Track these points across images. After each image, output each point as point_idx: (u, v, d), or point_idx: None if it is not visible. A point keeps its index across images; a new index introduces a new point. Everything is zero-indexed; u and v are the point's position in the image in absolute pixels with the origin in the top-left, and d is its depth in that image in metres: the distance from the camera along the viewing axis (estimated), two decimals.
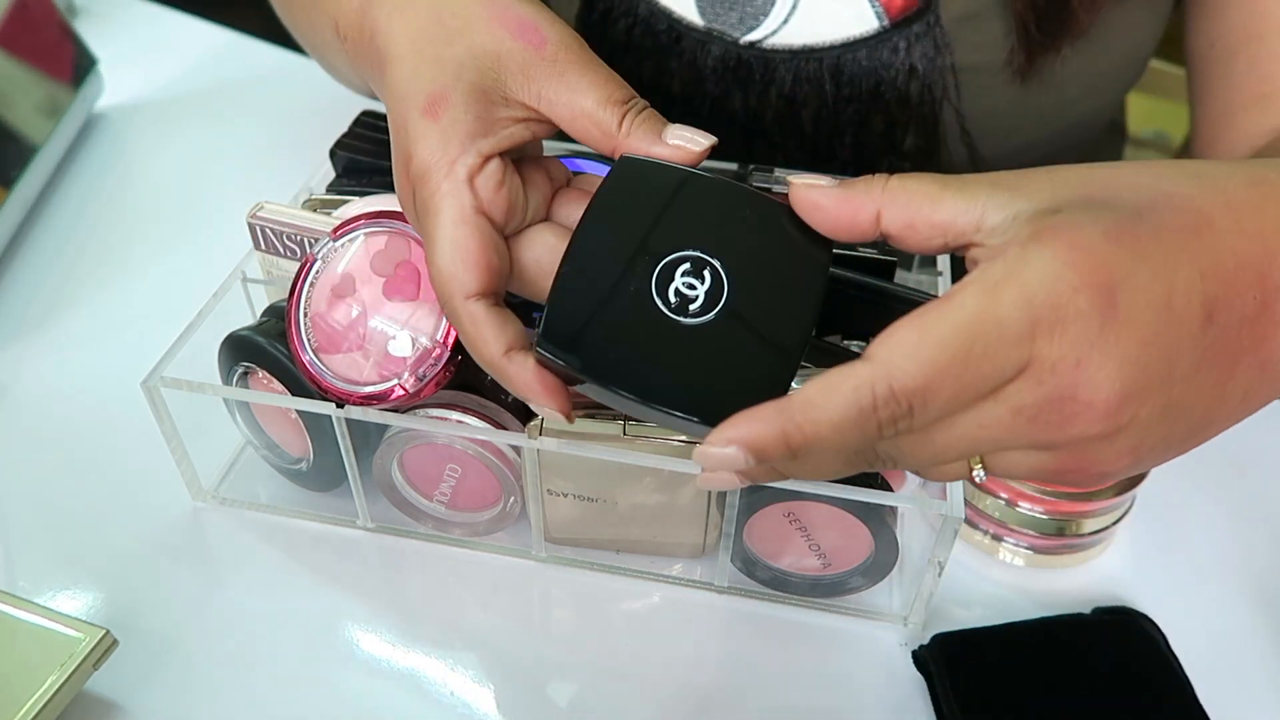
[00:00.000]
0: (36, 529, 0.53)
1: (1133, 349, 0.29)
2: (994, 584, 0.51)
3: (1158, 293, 0.29)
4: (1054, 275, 0.29)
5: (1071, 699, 0.44)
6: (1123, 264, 0.29)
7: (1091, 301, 0.29)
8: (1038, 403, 0.29)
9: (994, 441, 0.31)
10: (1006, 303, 0.29)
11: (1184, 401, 0.31)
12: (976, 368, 0.29)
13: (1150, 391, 0.30)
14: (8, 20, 0.71)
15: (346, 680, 0.47)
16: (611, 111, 0.38)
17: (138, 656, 0.47)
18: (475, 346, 0.37)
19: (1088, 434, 0.30)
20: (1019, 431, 0.30)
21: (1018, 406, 0.30)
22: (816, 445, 0.30)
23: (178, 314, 0.52)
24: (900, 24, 0.56)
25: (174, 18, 0.98)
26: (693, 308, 0.34)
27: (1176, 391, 0.30)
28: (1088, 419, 0.30)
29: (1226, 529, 0.54)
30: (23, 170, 0.70)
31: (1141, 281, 0.29)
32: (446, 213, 0.37)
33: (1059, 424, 0.30)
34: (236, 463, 0.56)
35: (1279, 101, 0.55)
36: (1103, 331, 0.29)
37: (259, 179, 0.75)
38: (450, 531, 0.52)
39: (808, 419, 0.30)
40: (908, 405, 0.29)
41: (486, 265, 0.37)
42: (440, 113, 0.38)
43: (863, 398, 0.29)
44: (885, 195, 0.33)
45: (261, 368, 0.50)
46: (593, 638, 0.49)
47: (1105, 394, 0.29)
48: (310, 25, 0.56)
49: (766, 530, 0.48)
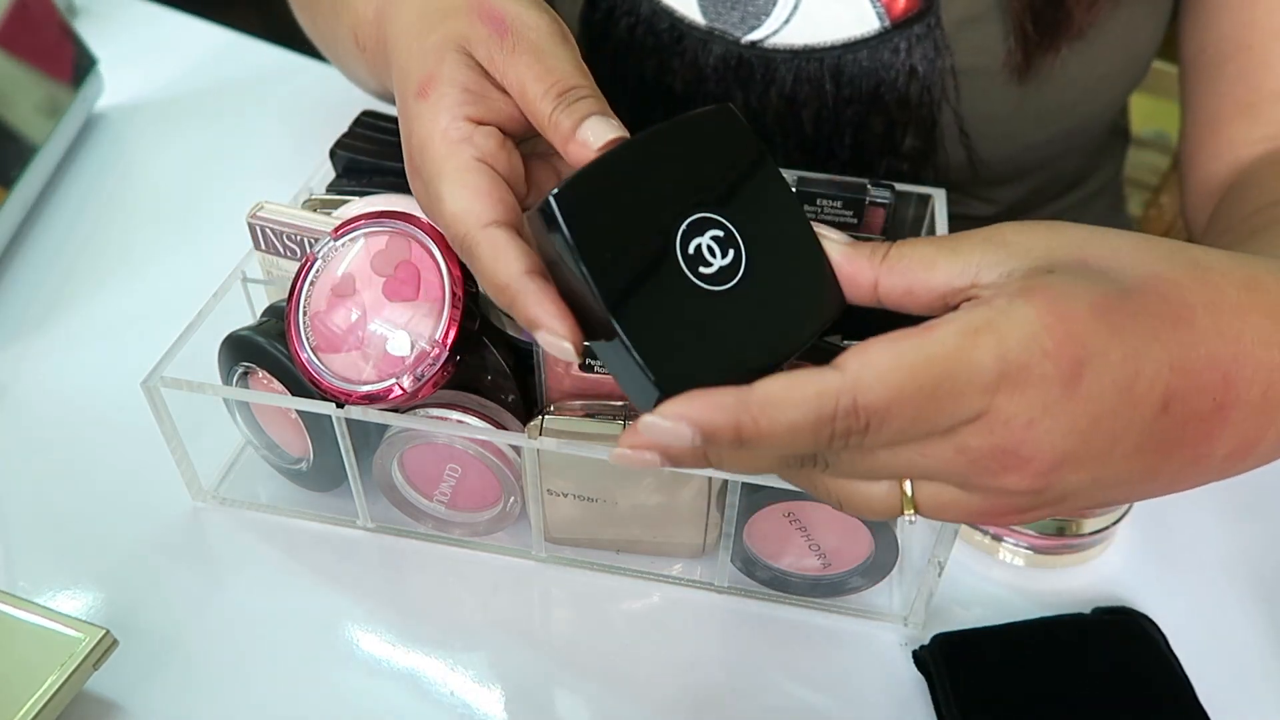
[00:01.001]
0: (36, 529, 0.53)
1: (1083, 422, 0.30)
2: (994, 584, 0.51)
3: (1124, 375, 0.30)
4: (1030, 336, 0.29)
5: (1071, 699, 0.44)
6: (1098, 340, 0.30)
7: (1059, 370, 0.29)
8: (982, 449, 0.30)
9: (928, 470, 0.32)
10: (983, 350, 0.29)
11: (1115, 477, 0.32)
12: (939, 404, 0.30)
13: (1087, 463, 0.31)
14: (8, 20, 0.71)
15: (346, 680, 0.47)
16: (549, 101, 0.37)
17: (138, 656, 0.47)
18: (496, 269, 0.35)
19: (1018, 487, 0.31)
20: (956, 469, 0.31)
21: (963, 447, 0.30)
22: (766, 442, 0.30)
23: (178, 314, 0.52)
24: (901, 25, 0.56)
25: (174, 18, 0.98)
26: (702, 270, 0.33)
27: (1114, 468, 0.31)
28: (1021, 474, 0.31)
29: (1226, 529, 0.54)
30: (23, 170, 0.70)
31: (1112, 360, 0.30)
32: (449, 168, 0.37)
33: (995, 471, 0.31)
34: (236, 463, 0.56)
35: (1265, 110, 0.56)
36: (1061, 400, 0.30)
37: (259, 179, 0.75)
38: (450, 531, 0.53)
39: (765, 415, 0.30)
40: (865, 423, 0.30)
41: (500, 198, 0.37)
42: (430, 92, 0.39)
43: (825, 406, 0.30)
44: (884, 265, 0.34)
45: (261, 368, 0.50)
46: (593, 638, 0.49)
47: (1046, 456, 0.30)
48: (334, 37, 0.57)
49: (766, 530, 0.48)
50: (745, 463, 0.33)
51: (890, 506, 0.33)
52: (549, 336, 0.34)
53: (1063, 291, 0.30)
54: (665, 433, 0.30)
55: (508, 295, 0.35)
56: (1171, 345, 0.31)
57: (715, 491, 0.47)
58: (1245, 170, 0.56)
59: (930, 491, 0.33)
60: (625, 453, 0.31)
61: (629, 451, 0.31)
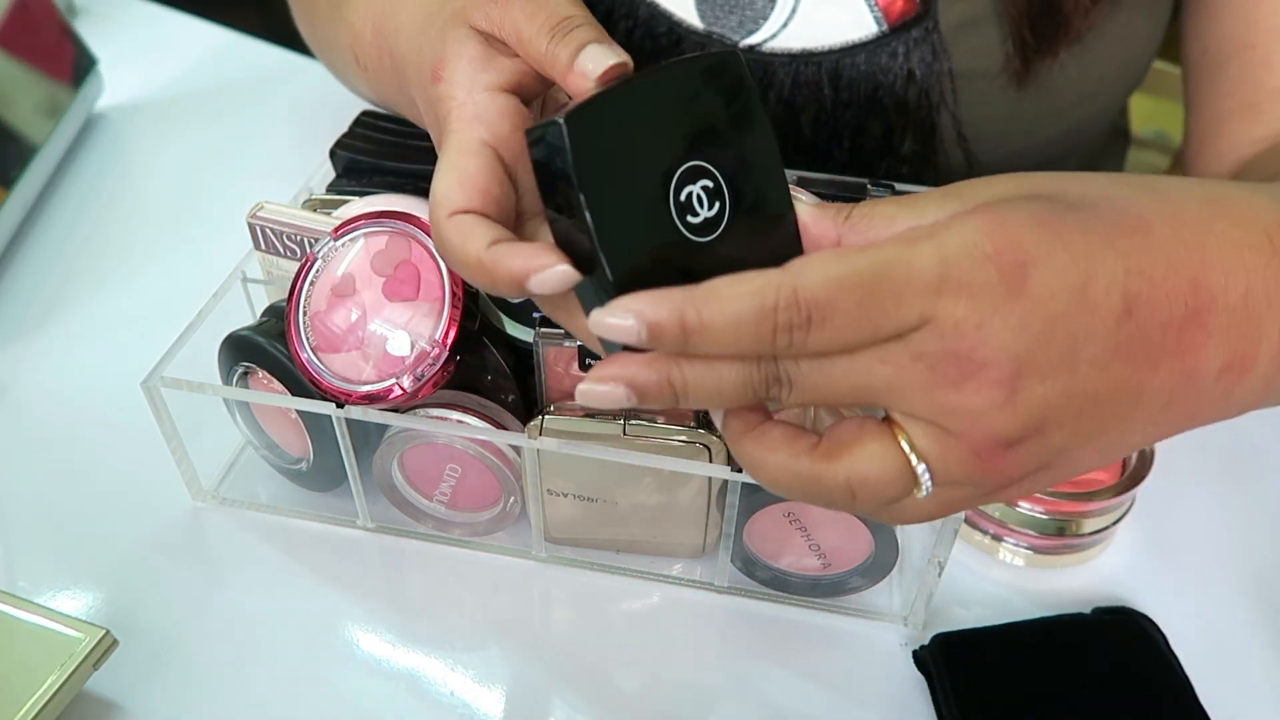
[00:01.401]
0: (36, 529, 0.53)
1: (1036, 324, 0.29)
2: (994, 584, 0.51)
3: (1074, 277, 0.30)
4: (970, 242, 0.29)
5: (1071, 699, 0.44)
6: (1042, 245, 0.30)
7: (1001, 272, 0.29)
8: (936, 353, 0.30)
9: (890, 386, 0.31)
10: (922, 254, 0.30)
11: (1093, 391, 0.31)
12: (880, 303, 0.29)
13: (1050, 370, 0.30)
14: (8, 20, 0.71)
15: (346, 680, 0.47)
16: (543, 36, 0.37)
17: (138, 656, 0.47)
18: (465, 250, 0.35)
19: (986, 403, 0.30)
20: (917, 379, 0.30)
21: (917, 352, 0.30)
22: (712, 336, 0.30)
23: (178, 314, 0.52)
24: (899, 29, 0.56)
25: (174, 18, 0.98)
26: (689, 219, 0.33)
27: (1083, 378, 0.30)
28: (981, 382, 0.30)
29: (1226, 529, 0.54)
30: (23, 170, 0.70)
31: (1059, 263, 0.30)
32: (449, 146, 0.37)
33: (955, 381, 0.30)
34: (236, 463, 0.56)
35: (1268, 110, 0.55)
36: (1007, 301, 0.29)
37: (259, 179, 0.75)
38: (450, 531, 0.53)
39: (708, 304, 0.30)
40: (806, 315, 0.29)
41: (483, 189, 0.36)
42: (441, 73, 0.38)
43: (766, 297, 0.29)
44: (847, 224, 0.34)
45: (261, 368, 0.50)
46: (593, 638, 0.49)
47: (1002, 360, 0.29)
48: (333, 48, 0.57)
49: (766, 530, 0.48)
50: (707, 380, 0.31)
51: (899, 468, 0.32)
52: (544, 274, 0.33)
53: (1004, 207, 0.30)
54: (615, 329, 0.30)
55: (483, 269, 0.34)
56: (1126, 251, 0.31)
57: (715, 491, 0.47)
58: (1249, 169, 0.56)
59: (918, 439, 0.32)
60: (591, 388, 0.31)
61: (594, 386, 0.31)
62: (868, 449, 0.32)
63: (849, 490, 0.32)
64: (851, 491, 0.32)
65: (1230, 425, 0.59)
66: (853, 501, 0.33)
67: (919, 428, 0.31)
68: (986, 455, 0.31)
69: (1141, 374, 0.31)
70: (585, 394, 0.31)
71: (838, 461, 0.32)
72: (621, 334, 0.30)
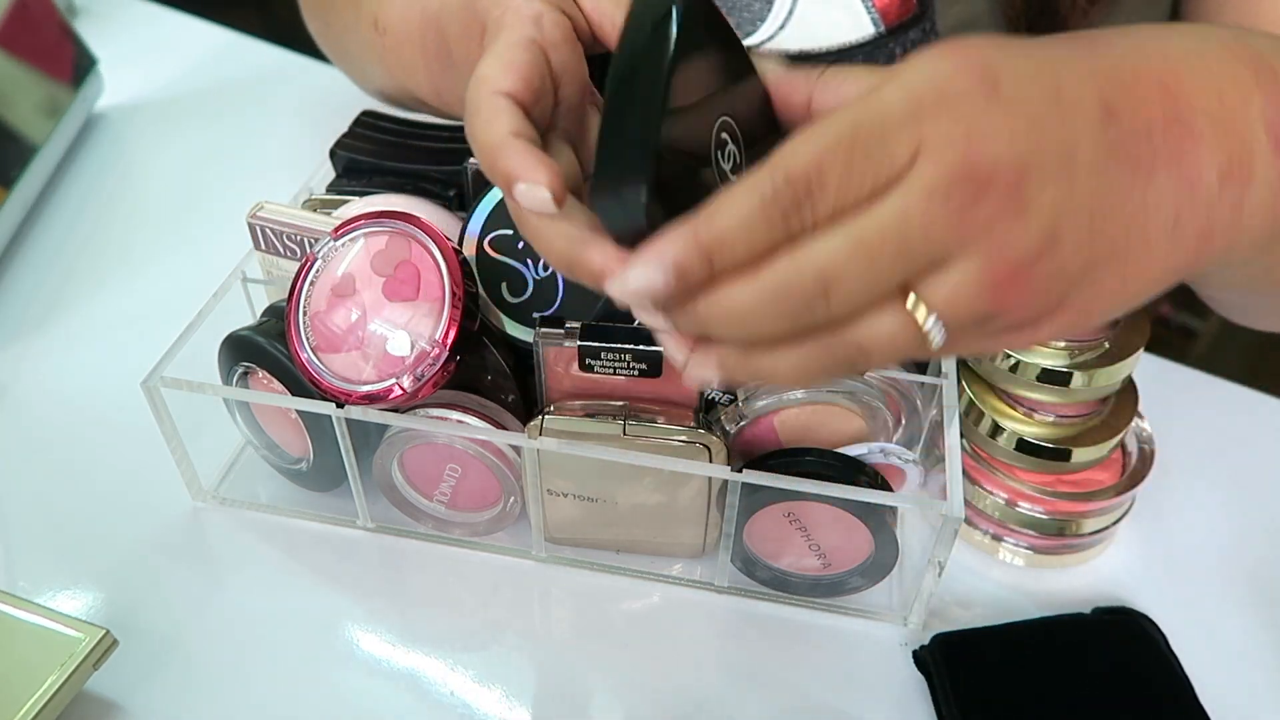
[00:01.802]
0: (36, 529, 0.53)
1: (1022, 124, 0.29)
2: (994, 584, 0.51)
3: (1044, 82, 0.30)
4: (932, 67, 0.30)
5: (1071, 699, 0.44)
6: (1003, 54, 0.30)
7: (972, 81, 0.29)
8: (942, 178, 0.29)
9: (920, 234, 0.30)
10: (888, 93, 0.29)
11: (1099, 200, 0.31)
12: (865, 150, 0.29)
13: (1052, 173, 0.30)
14: (8, 20, 0.71)
15: (346, 680, 0.47)
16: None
17: (138, 656, 0.47)
18: (489, 129, 0.35)
19: (1000, 211, 0.29)
20: (938, 217, 0.29)
21: (927, 187, 0.29)
22: (729, 244, 0.30)
23: (178, 314, 0.52)
24: (896, 30, 0.56)
25: (174, 18, 0.98)
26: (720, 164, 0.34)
27: (1084, 183, 0.30)
28: (992, 195, 0.29)
29: (1226, 529, 0.54)
30: (23, 170, 0.70)
31: (1025, 70, 0.30)
32: (501, 37, 0.37)
33: (968, 203, 0.29)
34: (236, 463, 0.56)
35: None
36: (988, 106, 0.29)
37: (259, 179, 0.75)
38: (450, 531, 0.53)
39: (713, 219, 0.30)
40: (805, 188, 0.29)
41: (526, 79, 0.36)
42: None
43: (761, 189, 0.29)
44: (819, 82, 0.34)
45: (261, 368, 0.50)
46: (593, 638, 0.49)
47: (1004, 165, 0.29)
48: (349, 28, 0.57)
49: (766, 530, 0.48)
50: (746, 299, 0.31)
51: (905, 328, 0.31)
52: (526, 187, 0.33)
53: (960, 39, 0.30)
54: (642, 279, 0.30)
55: (490, 152, 0.35)
56: (1088, 58, 0.31)
57: (715, 491, 0.47)
58: None
59: (934, 290, 0.31)
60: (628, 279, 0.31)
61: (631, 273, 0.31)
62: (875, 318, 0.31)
63: (861, 349, 0.31)
64: (864, 350, 0.31)
65: (1230, 425, 0.60)
66: (867, 358, 0.32)
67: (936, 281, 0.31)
68: (1005, 282, 0.30)
69: (1140, 182, 0.31)
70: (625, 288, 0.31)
71: (846, 329, 0.31)
72: (650, 284, 0.30)
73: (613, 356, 0.45)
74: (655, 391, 0.46)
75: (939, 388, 0.50)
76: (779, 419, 0.47)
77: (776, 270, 0.30)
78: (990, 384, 0.50)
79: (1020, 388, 0.49)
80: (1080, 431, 0.49)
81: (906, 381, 0.50)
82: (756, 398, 0.47)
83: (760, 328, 0.31)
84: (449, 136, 0.61)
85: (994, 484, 0.51)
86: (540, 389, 0.47)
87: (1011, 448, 0.49)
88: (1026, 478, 0.50)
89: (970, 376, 0.51)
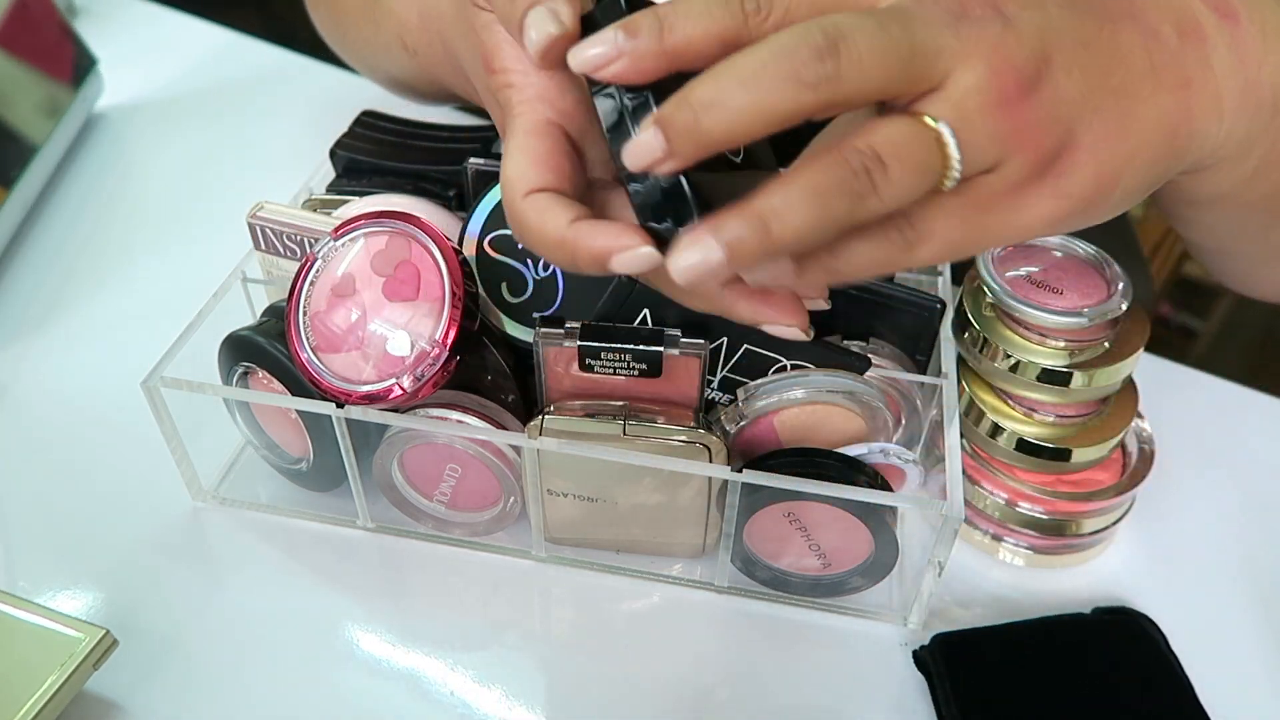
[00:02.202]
0: (36, 529, 0.53)
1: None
2: (994, 584, 0.51)
3: None
4: None
5: (1071, 699, 0.44)
6: None
7: None
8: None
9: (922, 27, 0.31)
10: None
11: (1076, 31, 0.33)
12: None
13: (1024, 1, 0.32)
14: (8, 20, 0.71)
15: (346, 680, 0.47)
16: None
17: (138, 656, 0.47)
18: (544, 228, 0.35)
19: (986, 19, 0.31)
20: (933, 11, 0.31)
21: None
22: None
23: (178, 314, 0.52)
24: None
25: (174, 18, 0.98)
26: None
27: (1057, 14, 0.33)
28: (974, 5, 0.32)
29: (1226, 529, 0.54)
30: (23, 170, 0.70)
31: None
32: (515, 128, 0.37)
33: (959, 9, 0.31)
34: (236, 463, 0.56)
35: None
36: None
37: (259, 179, 0.75)
38: (450, 531, 0.53)
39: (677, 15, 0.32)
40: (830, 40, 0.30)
41: (555, 167, 0.36)
42: (493, 62, 0.38)
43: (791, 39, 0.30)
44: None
45: (261, 368, 0.50)
46: (593, 638, 0.49)
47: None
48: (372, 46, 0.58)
49: (766, 530, 0.48)
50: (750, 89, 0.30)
51: (919, 134, 0.31)
52: (627, 255, 0.33)
53: None
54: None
55: (564, 248, 0.34)
56: None
57: (715, 491, 0.47)
58: None
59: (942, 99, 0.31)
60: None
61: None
62: (888, 122, 0.31)
63: (878, 158, 0.31)
64: (881, 159, 0.31)
65: (1230, 425, 0.60)
66: (885, 173, 0.31)
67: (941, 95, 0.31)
68: (1012, 94, 0.31)
69: (1107, 27, 0.34)
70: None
71: (859, 136, 0.31)
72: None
73: (613, 356, 0.45)
74: (655, 391, 0.46)
75: (939, 388, 0.50)
76: (779, 419, 0.47)
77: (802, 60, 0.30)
78: (990, 384, 0.50)
79: (1020, 388, 0.49)
80: (1080, 431, 0.49)
81: (906, 381, 0.50)
82: (756, 398, 0.47)
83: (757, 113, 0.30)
84: (449, 136, 0.61)
85: (994, 484, 0.51)
86: (540, 389, 0.47)
87: (1011, 448, 0.49)
88: (1026, 478, 0.50)
89: (970, 376, 0.51)
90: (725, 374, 0.48)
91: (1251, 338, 1.52)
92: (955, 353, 0.51)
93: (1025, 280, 0.48)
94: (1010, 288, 0.47)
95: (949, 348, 0.51)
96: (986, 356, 0.49)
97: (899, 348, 0.51)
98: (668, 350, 0.44)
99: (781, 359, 0.47)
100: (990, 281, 0.48)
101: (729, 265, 0.30)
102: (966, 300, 0.50)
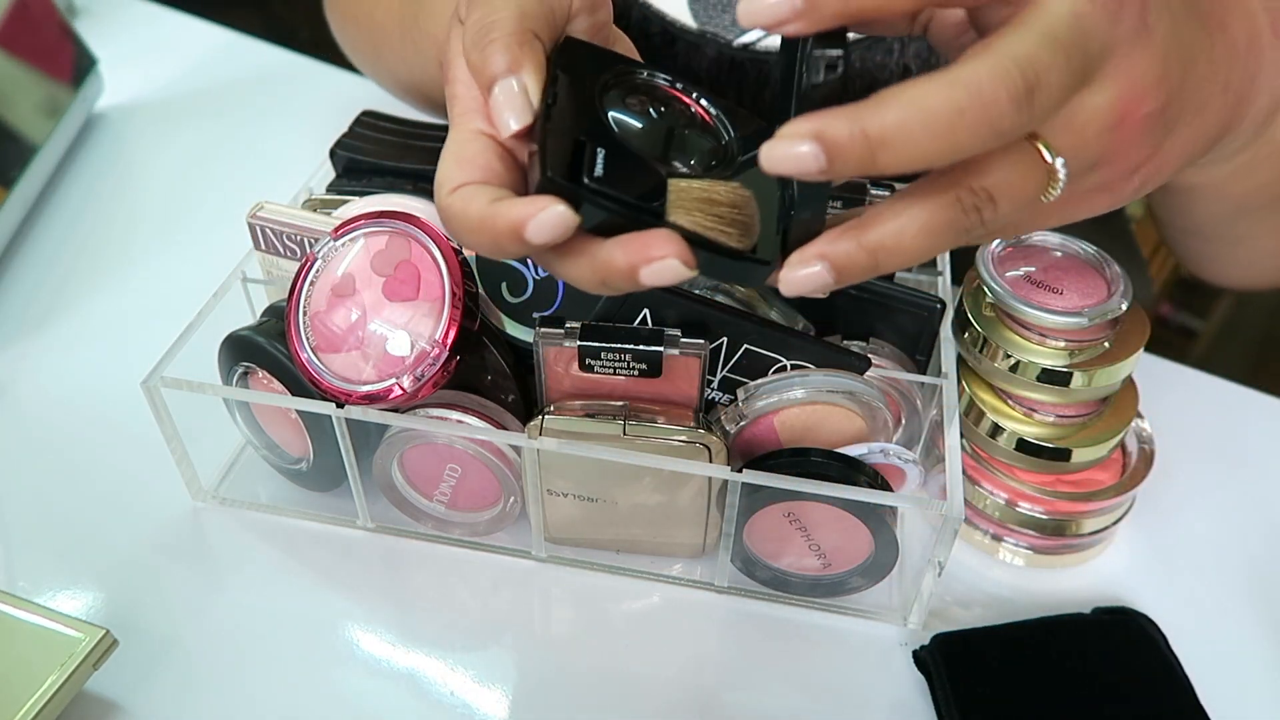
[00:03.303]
0: (36, 529, 0.53)
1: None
2: (994, 584, 0.51)
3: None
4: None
5: (1071, 699, 0.44)
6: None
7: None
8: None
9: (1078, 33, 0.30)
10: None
11: (1189, 45, 0.33)
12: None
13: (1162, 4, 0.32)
14: (8, 20, 0.71)
15: (346, 680, 0.47)
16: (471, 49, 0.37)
17: (138, 656, 0.47)
18: (461, 216, 0.34)
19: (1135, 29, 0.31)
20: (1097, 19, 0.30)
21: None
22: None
23: (178, 314, 0.52)
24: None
25: (174, 18, 0.98)
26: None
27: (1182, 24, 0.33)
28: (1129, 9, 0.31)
29: (1226, 529, 0.54)
30: (23, 170, 0.70)
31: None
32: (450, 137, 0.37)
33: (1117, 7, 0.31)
34: (236, 463, 0.56)
35: None
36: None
37: (259, 179, 0.75)
38: (450, 531, 0.53)
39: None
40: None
41: (483, 166, 0.36)
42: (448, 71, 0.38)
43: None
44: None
45: (261, 368, 0.50)
46: (593, 638, 0.49)
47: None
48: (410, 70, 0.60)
49: (766, 530, 0.48)
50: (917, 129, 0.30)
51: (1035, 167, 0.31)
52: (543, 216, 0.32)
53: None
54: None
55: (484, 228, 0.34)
56: None
57: (715, 491, 0.47)
58: None
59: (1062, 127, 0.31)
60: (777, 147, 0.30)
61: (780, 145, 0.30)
62: (1007, 162, 0.31)
63: (990, 198, 0.31)
64: (993, 199, 0.31)
65: (1230, 425, 0.60)
66: (995, 209, 0.31)
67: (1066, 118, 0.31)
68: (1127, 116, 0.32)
69: (1207, 38, 0.34)
70: (770, 157, 0.30)
71: (976, 175, 0.31)
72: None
73: (613, 356, 0.45)
74: (655, 391, 0.46)
75: (939, 388, 0.50)
76: (779, 419, 0.47)
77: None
78: (990, 384, 0.50)
79: (1020, 388, 0.49)
80: (1080, 431, 0.49)
81: (906, 381, 0.50)
82: (756, 398, 0.47)
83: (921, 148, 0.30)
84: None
85: (994, 484, 0.51)
86: (540, 389, 0.47)
87: (1011, 448, 0.49)
88: (1026, 478, 0.50)
89: (970, 376, 0.51)
90: (725, 374, 0.48)
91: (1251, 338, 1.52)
92: (955, 353, 0.51)
93: (1025, 280, 0.48)
94: (1010, 288, 0.47)
95: (949, 348, 0.51)
96: (986, 356, 0.49)
97: (899, 348, 0.51)
98: (668, 350, 0.44)
99: (781, 359, 0.47)
100: (990, 281, 0.48)
101: (834, 285, 0.32)
102: (966, 300, 0.50)
